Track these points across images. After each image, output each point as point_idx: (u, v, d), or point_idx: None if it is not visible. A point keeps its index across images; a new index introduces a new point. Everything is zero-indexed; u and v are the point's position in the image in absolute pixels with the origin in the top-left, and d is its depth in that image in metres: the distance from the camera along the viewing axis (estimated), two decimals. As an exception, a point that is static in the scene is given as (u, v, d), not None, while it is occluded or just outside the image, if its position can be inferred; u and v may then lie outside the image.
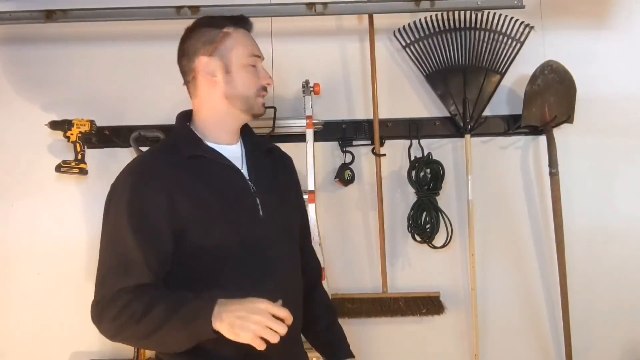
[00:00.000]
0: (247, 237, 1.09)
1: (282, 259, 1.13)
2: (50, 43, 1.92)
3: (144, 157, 1.17)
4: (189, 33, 1.18)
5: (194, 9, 1.73)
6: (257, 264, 1.09)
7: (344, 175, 1.82)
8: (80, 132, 1.78)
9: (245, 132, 1.23)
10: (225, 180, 1.12)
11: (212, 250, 1.06)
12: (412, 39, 1.89)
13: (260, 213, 1.12)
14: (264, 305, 0.92)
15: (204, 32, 1.15)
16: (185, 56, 1.17)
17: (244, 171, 1.15)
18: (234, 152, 1.16)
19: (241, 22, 1.18)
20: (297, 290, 1.17)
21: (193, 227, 1.05)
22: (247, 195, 1.12)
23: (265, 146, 1.25)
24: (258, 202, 1.12)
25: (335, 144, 1.91)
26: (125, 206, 1.04)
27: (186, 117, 1.21)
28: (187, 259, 1.06)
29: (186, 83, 1.20)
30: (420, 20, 1.88)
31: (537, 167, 1.92)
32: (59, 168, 1.78)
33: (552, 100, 1.83)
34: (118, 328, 0.99)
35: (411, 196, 1.87)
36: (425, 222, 1.81)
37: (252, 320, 0.90)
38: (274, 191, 1.17)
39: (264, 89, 1.17)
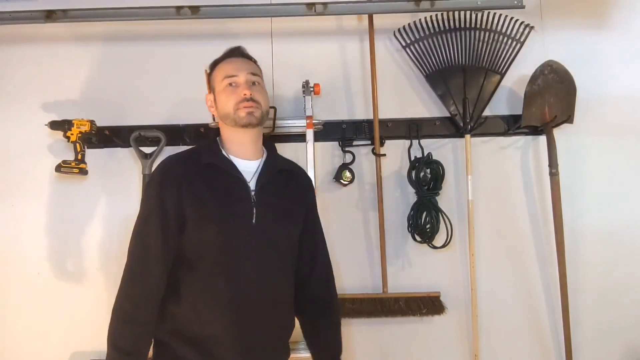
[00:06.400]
0: (232, 240, 1.25)
1: (265, 265, 1.27)
2: (50, 43, 1.92)
3: (171, 158, 1.35)
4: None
5: (194, 9, 1.74)
6: (237, 264, 1.25)
7: (342, 177, 1.83)
8: (80, 132, 1.77)
9: (270, 153, 1.40)
10: (228, 188, 1.29)
11: (200, 245, 1.24)
12: (412, 39, 1.89)
13: (254, 221, 1.27)
14: None
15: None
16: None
17: (252, 183, 1.31)
18: (249, 167, 1.33)
19: (226, 55, 1.39)
20: (277, 296, 1.30)
21: (190, 222, 1.23)
22: (246, 205, 1.28)
23: (281, 167, 1.39)
24: (254, 211, 1.28)
25: (335, 144, 1.91)
26: (155, 198, 1.24)
27: (218, 131, 1.41)
28: (181, 250, 1.25)
29: None
30: (420, 20, 1.88)
31: (537, 167, 1.92)
32: (59, 168, 1.78)
33: (552, 100, 1.83)
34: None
35: (411, 196, 1.87)
36: (425, 222, 1.81)
37: None
38: (274, 205, 1.32)
39: (246, 100, 1.30)
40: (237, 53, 1.39)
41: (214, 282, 1.23)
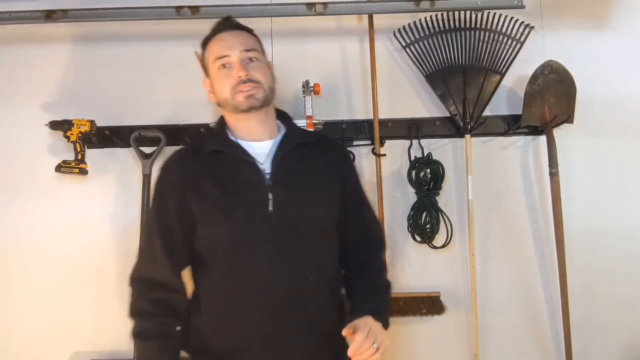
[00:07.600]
0: (244, 233, 1.11)
1: (290, 257, 1.12)
2: (50, 43, 1.92)
3: (174, 152, 1.27)
4: None
5: (194, 9, 1.73)
6: (253, 261, 1.11)
7: None
8: (80, 132, 1.77)
9: (288, 127, 1.27)
10: (237, 174, 1.16)
11: (211, 243, 1.15)
12: (412, 39, 1.89)
13: (270, 208, 1.12)
14: None
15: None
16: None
17: (266, 166, 1.17)
18: (261, 148, 1.19)
19: (215, 31, 1.24)
20: (309, 291, 1.13)
21: (198, 219, 1.14)
22: (258, 190, 1.14)
23: (300, 140, 1.23)
24: (270, 197, 1.13)
25: (335, 144, 1.91)
26: (154, 198, 1.21)
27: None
28: (196, 250, 1.18)
29: None
30: (420, 20, 1.88)
31: (537, 167, 1.92)
32: (59, 168, 1.78)
33: (552, 100, 1.83)
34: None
35: (411, 196, 1.87)
36: (425, 222, 1.81)
37: None
38: (296, 186, 1.16)
39: (243, 82, 1.16)
40: (227, 26, 1.22)
41: (229, 285, 1.12)
